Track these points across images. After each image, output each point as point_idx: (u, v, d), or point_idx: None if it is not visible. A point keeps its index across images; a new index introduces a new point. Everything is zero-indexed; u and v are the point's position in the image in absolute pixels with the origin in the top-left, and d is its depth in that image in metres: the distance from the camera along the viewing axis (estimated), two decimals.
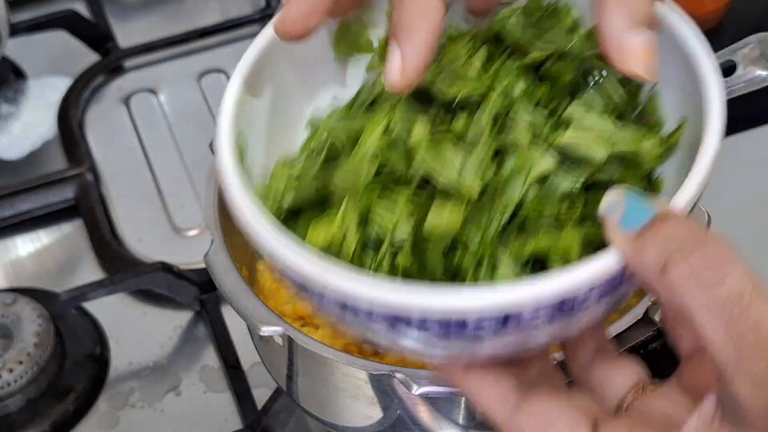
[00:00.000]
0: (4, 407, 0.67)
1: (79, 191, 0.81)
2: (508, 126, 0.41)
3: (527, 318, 0.35)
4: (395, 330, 0.36)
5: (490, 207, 0.39)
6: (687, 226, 0.33)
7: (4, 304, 0.69)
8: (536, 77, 0.43)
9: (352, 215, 0.40)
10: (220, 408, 0.69)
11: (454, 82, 0.42)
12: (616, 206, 0.35)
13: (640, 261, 0.33)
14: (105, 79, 0.91)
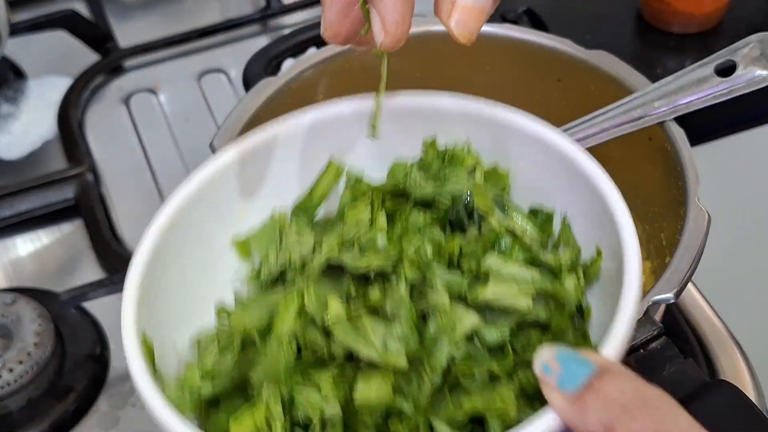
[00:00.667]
0: (4, 407, 0.67)
1: (79, 191, 0.81)
2: (425, 291, 0.40)
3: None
4: None
5: (419, 373, 0.38)
6: (627, 381, 0.32)
7: (4, 303, 0.69)
8: (444, 228, 0.43)
9: (276, 402, 0.39)
10: None
11: (363, 254, 0.42)
12: (551, 365, 0.34)
13: (584, 423, 0.32)
14: (105, 79, 0.91)
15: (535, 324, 0.39)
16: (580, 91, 0.64)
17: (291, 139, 0.48)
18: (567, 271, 0.41)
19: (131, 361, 0.41)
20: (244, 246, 0.48)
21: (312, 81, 0.65)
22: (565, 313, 0.40)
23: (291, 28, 0.91)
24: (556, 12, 0.91)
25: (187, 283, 0.46)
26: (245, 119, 0.63)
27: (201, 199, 0.47)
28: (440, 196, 0.44)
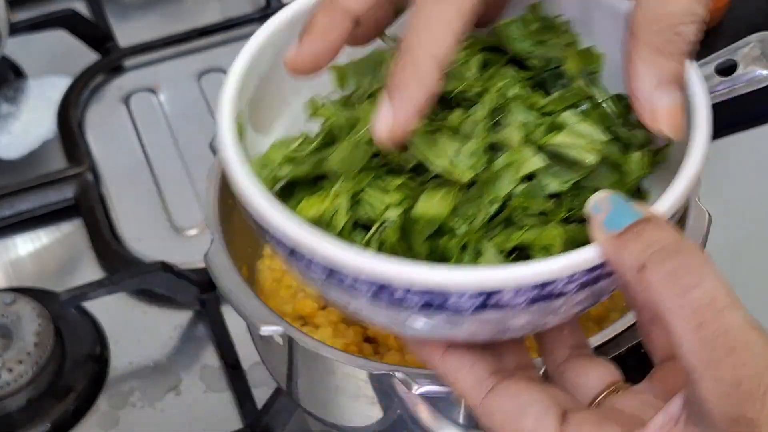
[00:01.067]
0: (4, 407, 0.67)
1: (78, 191, 0.81)
2: (502, 124, 0.42)
3: (507, 299, 0.36)
4: (377, 301, 0.37)
5: (479, 199, 0.40)
6: (668, 231, 0.34)
7: (4, 303, 0.69)
8: (531, 87, 0.44)
9: (345, 194, 0.41)
10: (220, 407, 0.69)
11: (451, 80, 0.43)
12: (602, 206, 0.36)
13: (620, 259, 0.35)
14: (105, 79, 0.91)
15: (593, 191, 0.40)
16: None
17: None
18: (636, 147, 0.42)
19: (222, 122, 0.42)
20: (341, 72, 0.47)
21: None
22: (625, 186, 0.42)
23: None
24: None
25: (281, 92, 0.47)
26: None
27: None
28: (534, 56, 0.45)
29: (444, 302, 0.36)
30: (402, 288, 0.36)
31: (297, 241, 0.37)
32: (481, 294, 0.35)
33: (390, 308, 0.37)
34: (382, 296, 0.37)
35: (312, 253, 0.37)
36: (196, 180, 0.83)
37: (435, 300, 0.36)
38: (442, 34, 0.38)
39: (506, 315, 0.37)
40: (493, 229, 0.40)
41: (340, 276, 0.37)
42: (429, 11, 0.38)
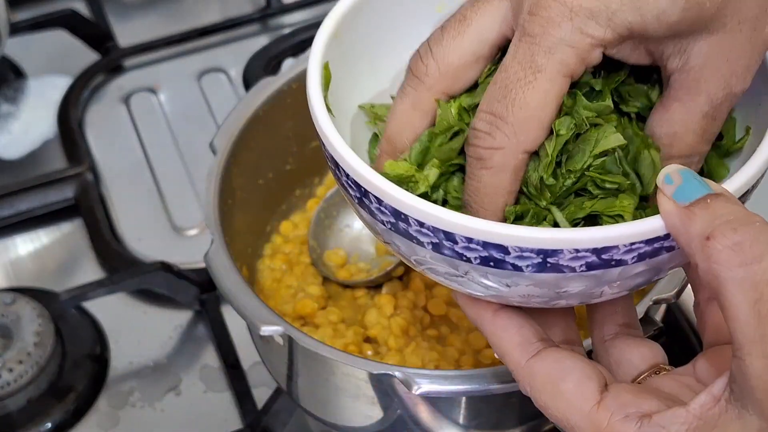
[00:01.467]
0: (4, 407, 0.67)
1: (78, 191, 0.81)
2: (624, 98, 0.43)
3: (566, 260, 0.36)
4: (440, 251, 0.38)
5: (558, 169, 0.41)
6: (737, 205, 0.35)
7: (4, 303, 0.69)
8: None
9: (434, 172, 0.43)
10: (220, 407, 0.69)
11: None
12: (673, 178, 0.36)
13: (687, 229, 0.35)
14: (105, 79, 0.91)
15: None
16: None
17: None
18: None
19: (310, 78, 0.43)
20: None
21: None
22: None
23: (291, 28, 0.91)
24: None
25: (375, 48, 0.47)
26: (245, 119, 0.63)
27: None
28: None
29: (503, 258, 0.37)
30: (463, 238, 0.37)
31: (370, 182, 0.38)
32: (540, 252, 0.36)
33: (451, 260, 0.38)
34: (444, 246, 0.38)
35: (382, 195, 0.38)
36: (196, 180, 0.83)
37: (495, 254, 0.37)
38: (501, 202, 0.40)
39: (563, 278, 0.37)
40: (566, 198, 0.41)
41: (406, 222, 0.38)
42: (486, 182, 0.40)
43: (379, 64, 0.48)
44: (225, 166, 0.60)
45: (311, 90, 0.43)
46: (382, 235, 0.41)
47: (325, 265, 0.67)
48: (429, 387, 0.50)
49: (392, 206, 0.38)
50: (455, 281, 0.40)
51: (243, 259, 0.63)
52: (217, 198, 0.59)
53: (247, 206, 0.63)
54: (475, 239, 0.37)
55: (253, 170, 0.64)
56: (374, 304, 0.63)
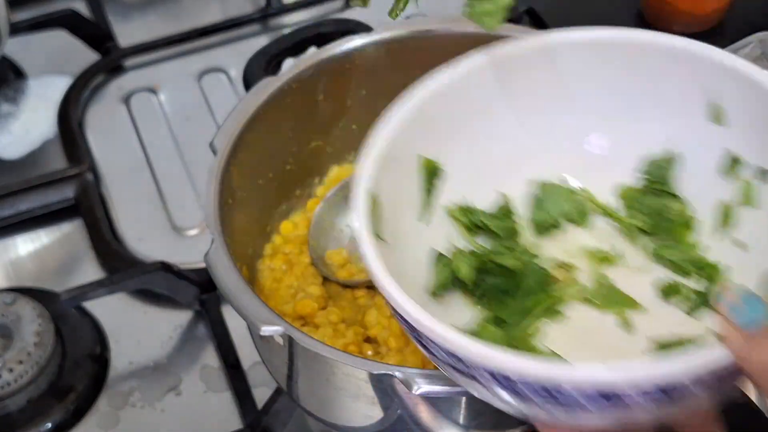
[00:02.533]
0: (5, 407, 0.67)
1: (79, 191, 0.81)
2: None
3: (628, 397, 0.36)
4: (497, 386, 0.39)
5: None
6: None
7: (4, 303, 0.69)
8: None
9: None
10: (220, 407, 0.69)
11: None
12: (735, 304, 0.35)
13: (752, 359, 0.34)
14: (105, 79, 0.91)
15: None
16: None
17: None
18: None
19: (358, 207, 0.44)
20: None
21: (312, 80, 0.66)
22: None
23: (291, 28, 0.91)
24: (557, 12, 0.91)
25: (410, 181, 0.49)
26: (245, 119, 0.63)
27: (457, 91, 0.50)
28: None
29: (559, 395, 0.37)
30: (518, 379, 0.37)
31: (420, 324, 0.40)
32: (603, 395, 0.36)
33: (510, 395, 0.39)
34: (504, 385, 0.38)
35: (436, 339, 0.39)
36: (196, 180, 0.83)
37: (551, 391, 0.37)
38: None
39: (630, 410, 0.37)
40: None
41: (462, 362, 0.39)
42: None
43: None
44: (225, 166, 0.60)
45: (358, 224, 0.43)
46: (440, 367, 0.42)
47: (325, 265, 0.67)
48: (429, 387, 0.50)
49: (447, 348, 0.39)
50: (524, 412, 0.40)
51: (243, 259, 0.63)
52: (217, 198, 0.59)
53: (248, 206, 0.63)
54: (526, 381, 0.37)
55: (253, 170, 0.64)
56: (374, 304, 0.63)
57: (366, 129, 0.70)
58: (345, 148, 0.70)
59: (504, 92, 0.51)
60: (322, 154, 0.69)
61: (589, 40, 0.50)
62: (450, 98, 0.50)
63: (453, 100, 0.50)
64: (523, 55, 0.50)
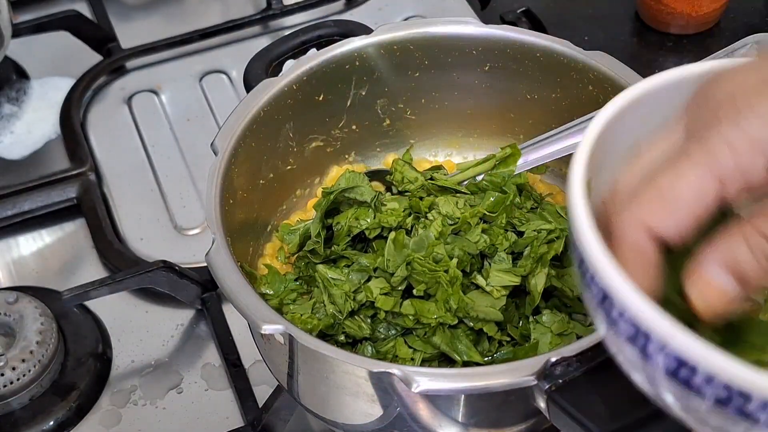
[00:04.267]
0: (8, 405, 0.68)
1: (81, 191, 0.81)
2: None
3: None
4: (722, 407, 0.36)
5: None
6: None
7: (7, 302, 0.70)
8: None
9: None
10: (222, 405, 0.69)
11: None
12: None
13: None
14: (107, 80, 0.92)
15: None
16: (578, 91, 0.65)
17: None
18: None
19: (574, 195, 0.40)
20: None
21: (312, 81, 0.66)
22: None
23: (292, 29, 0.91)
24: (555, 13, 0.92)
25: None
26: (246, 119, 0.63)
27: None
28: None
29: (744, 405, 0.35)
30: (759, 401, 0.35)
31: (654, 327, 0.36)
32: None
33: (732, 417, 0.36)
34: (729, 405, 0.36)
35: (667, 341, 0.36)
36: (197, 180, 0.83)
37: (734, 399, 0.35)
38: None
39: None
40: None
41: (693, 372, 0.36)
42: None
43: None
44: (226, 166, 0.60)
45: (578, 219, 0.40)
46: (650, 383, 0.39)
47: None
48: (428, 385, 0.50)
49: (680, 356, 0.36)
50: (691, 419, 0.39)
51: (244, 258, 0.63)
52: (218, 198, 0.59)
53: (248, 206, 0.64)
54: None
55: (253, 170, 0.64)
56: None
57: (366, 129, 0.71)
58: (344, 148, 0.70)
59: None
60: (322, 153, 0.70)
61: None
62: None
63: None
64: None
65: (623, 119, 0.45)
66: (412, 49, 0.67)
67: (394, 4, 0.95)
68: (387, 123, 0.71)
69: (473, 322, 0.58)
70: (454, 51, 0.67)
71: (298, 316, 0.60)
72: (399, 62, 0.68)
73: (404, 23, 0.69)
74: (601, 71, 0.64)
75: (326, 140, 0.69)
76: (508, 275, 0.58)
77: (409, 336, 0.59)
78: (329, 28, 0.72)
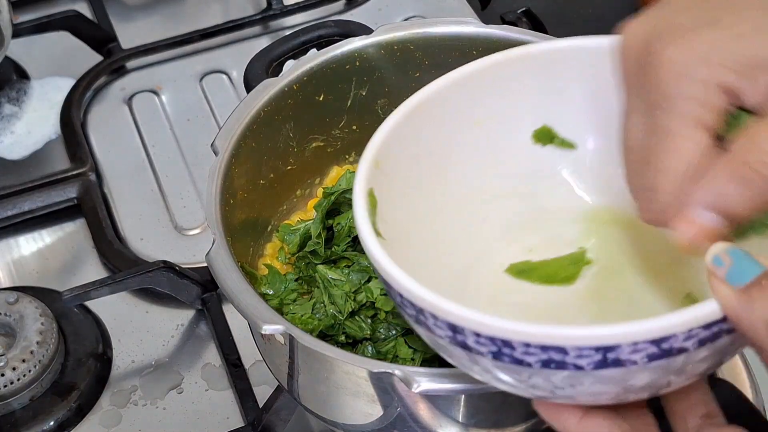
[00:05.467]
0: (8, 405, 0.68)
1: (81, 191, 0.81)
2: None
3: (626, 355, 0.36)
4: (500, 361, 0.38)
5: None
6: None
7: (7, 302, 0.70)
8: None
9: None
10: (222, 406, 0.69)
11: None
12: (723, 258, 0.35)
13: (746, 315, 0.33)
14: (107, 80, 0.92)
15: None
16: None
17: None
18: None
19: (357, 203, 0.45)
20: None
21: (313, 82, 0.66)
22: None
23: (292, 29, 0.91)
24: (555, 13, 0.92)
25: (417, 170, 0.50)
26: (246, 119, 0.63)
27: (453, 94, 0.51)
28: None
29: (563, 359, 0.37)
30: (521, 345, 0.37)
31: (425, 301, 0.39)
32: (599, 350, 0.36)
33: (512, 368, 0.38)
34: (503, 355, 0.38)
35: (436, 311, 0.39)
36: (197, 180, 0.83)
37: (554, 356, 0.37)
38: None
39: (627, 373, 0.37)
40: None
41: (462, 335, 0.38)
42: None
43: (424, 183, 0.50)
44: (226, 166, 0.60)
45: (359, 217, 0.44)
46: (443, 349, 0.42)
47: None
48: (428, 385, 0.50)
49: (447, 321, 0.39)
50: (523, 388, 0.40)
51: (244, 258, 0.63)
52: (218, 198, 0.59)
53: (249, 206, 0.64)
54: (533, 344, 0.37)
55: (254, 170, 0.64)
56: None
57: (366, 129, 0.71)
58: (345, 148, 0.70)
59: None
60: (322, 154, 0.70)
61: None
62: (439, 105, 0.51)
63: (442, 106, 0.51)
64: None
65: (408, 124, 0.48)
66: (413, 49, 0.67)
67: (394, 4, 0.95)
68: None
69: None
70: (454, 51, 0.67)
71: (298, 317, 0.60)
72: (399, 62, 0.68)
73: (404, 23, 0.69)
74: None
75: (326, 140, 0.69)
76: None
77: (410, 336, 0.59)
78: (329, 28, 0.72)
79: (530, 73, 0.51)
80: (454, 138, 0.52)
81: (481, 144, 0.52)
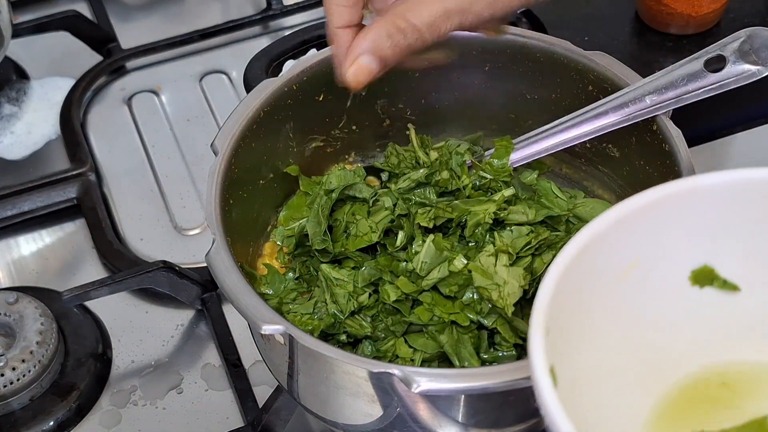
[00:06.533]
0: (8, 405, 0.68)
1: (81, 191, 0.82)
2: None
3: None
4: None
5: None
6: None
7: (7, 302, 0.70)
8: None
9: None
10: (222, 406, 0.69)
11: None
12: None
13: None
14: (107, 80, 0.92)
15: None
16: (578, 91, 0.65)
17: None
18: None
19: (541, 384, 0.40)
20: None
21: (312, 82, 0.66)
22: None
23: (292, 29, 0.92)
24: (555, 13, 0.92)
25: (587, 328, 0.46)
26: (246, 119, 0.63)
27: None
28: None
29: None
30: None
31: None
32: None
33: None
34: None
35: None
36: (197, 179, 0.83)
37: None
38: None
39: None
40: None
41: None
42: None
43: (596, 337, 0.46)
44: (226, 166, 0.60)
45: (548, 402, 0.40)
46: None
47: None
48: (428, 385, 0.50)
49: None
50: None
51: (244, 259, 0.63)
52: (218, 198, 0.59)
53: (248, 206, 0.64)
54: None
55: (253, 170, 0.64)
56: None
57: (366, 129, 0.71)
58: (345, 148, 0.70)
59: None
60: (322, 154, 0.70)
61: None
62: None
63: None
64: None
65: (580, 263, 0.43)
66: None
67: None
68: (387, 123, 0.71)
69: (489, 320, 0.58)
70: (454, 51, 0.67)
71: (298, 317, 0.60)
72: (399, 62, 0.68)
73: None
74: (601, 71, 0.64)
75: (326, 140, 0.69)
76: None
77: (410, 335, 0.59)
78: None
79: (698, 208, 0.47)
80: (616, 288, 0.47)
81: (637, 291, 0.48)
